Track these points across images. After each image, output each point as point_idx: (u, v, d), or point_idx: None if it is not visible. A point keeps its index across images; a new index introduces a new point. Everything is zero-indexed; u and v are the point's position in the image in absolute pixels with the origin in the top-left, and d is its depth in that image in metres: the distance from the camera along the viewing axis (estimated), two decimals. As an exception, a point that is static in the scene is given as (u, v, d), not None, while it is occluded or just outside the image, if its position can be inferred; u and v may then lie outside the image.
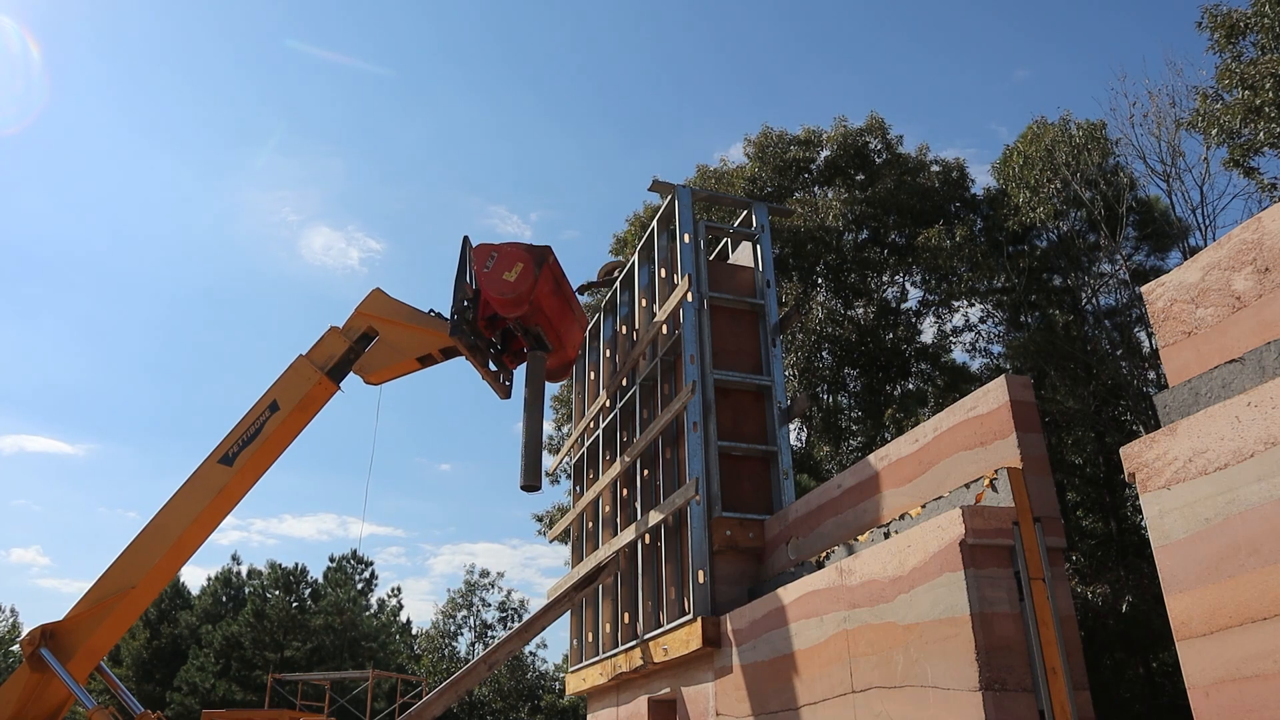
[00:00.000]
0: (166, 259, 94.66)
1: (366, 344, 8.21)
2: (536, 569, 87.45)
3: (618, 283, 10.73)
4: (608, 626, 9.70)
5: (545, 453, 26.83)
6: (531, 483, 7.39)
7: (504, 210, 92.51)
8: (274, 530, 77.11)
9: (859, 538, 6.17)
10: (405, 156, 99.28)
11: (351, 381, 8.32)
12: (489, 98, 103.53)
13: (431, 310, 8.10)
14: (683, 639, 7.51)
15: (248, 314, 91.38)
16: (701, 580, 7.48)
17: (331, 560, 44.24)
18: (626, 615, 9.22)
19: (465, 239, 7.92)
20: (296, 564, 41.33)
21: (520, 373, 8.26)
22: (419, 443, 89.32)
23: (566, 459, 13.32)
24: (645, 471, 9.33)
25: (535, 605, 49.01)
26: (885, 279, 24.05)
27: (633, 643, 8.68)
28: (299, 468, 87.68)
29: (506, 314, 7.67)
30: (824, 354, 23.35)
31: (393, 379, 8.32)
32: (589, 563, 9.95)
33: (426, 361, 8.16)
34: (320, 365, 7.98)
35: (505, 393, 8.20)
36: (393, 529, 79.88)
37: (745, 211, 9.62)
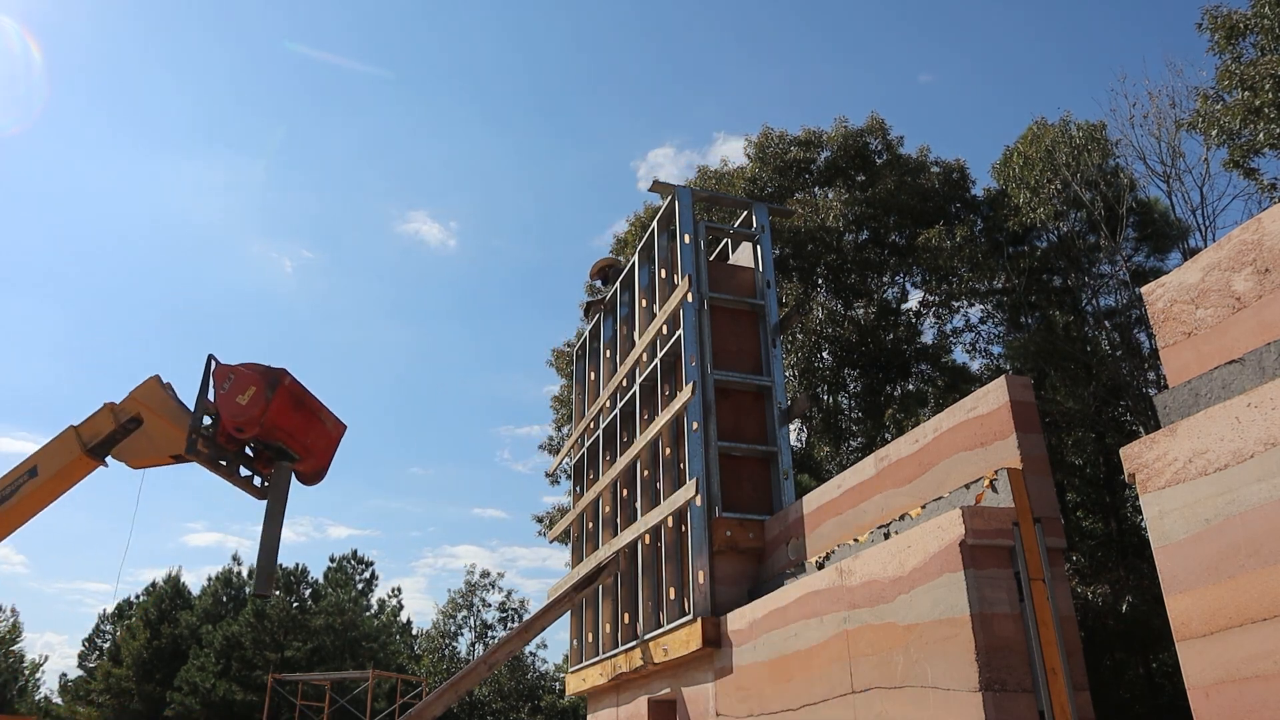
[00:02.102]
0: (130, 263, 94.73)
1: (137, 425, 8.46)
2: (516, 570, 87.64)
3: (618, 283, 10.74)
4: (608, 627, 9.70)
5: (545, 453, 26.86)
6: (262, 592, 8.20)
7: (424, 216, 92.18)
8: (252, 532, 77.13)
9: (859, 538, 6.17)
10: (326, 162, 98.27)
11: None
12: (420, 101, 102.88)
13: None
14: (683, 639, 7.51)
15: (202, 321, 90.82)
16: (701, 580, 7.48)
17: (332, 560, 44.27)
18: (626, 615, 9.22)
19: (210, 358, 8.32)
20: (297, 564, 41.33)
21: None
22: (394, 445, 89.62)
23: (567, 459, 13.31)
24: (645, 471, 9.33)
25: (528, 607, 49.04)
26: (885, 279, 24.04)
27: (633, 643, 8.68)
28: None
29: (240, 435, 8.21)
30: (824, 354, 23.34)
31: (151, 467, 8.60)
32: (589, 563, 9.95)
33: (180, 459, 8.45)
34: (85, 441, 8.31)
35: (261, 494, 8.57)
36: (373, 531, 79.94)
37: (745, 212, 9.63)
